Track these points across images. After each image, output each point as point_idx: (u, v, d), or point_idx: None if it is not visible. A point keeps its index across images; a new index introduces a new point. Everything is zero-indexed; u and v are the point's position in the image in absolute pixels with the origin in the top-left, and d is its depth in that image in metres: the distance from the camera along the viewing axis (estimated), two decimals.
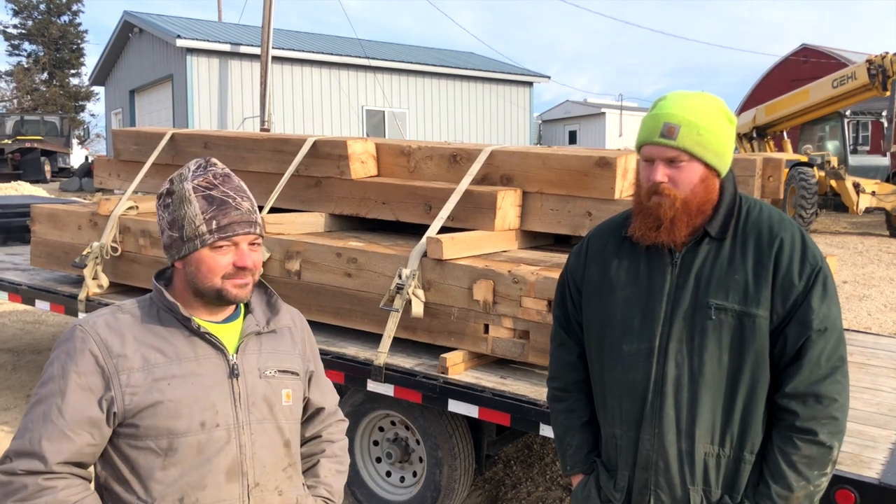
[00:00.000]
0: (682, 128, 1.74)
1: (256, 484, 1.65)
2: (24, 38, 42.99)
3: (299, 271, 4.05)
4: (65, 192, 20.69)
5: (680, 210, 1.76)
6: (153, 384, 1.56)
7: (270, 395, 1.70)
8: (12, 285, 5.50)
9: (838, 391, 1.73)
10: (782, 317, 1.74)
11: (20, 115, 29.70)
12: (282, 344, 1.76)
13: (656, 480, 1.81)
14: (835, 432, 1.73)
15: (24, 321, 8.63)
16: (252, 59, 18.89)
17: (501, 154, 4.04)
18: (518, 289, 3.32)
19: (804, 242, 1.77)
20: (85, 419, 1.53)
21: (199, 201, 1.60)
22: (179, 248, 1.62)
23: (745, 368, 1.75)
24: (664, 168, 1.77)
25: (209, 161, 1.67)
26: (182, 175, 1.65)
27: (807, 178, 15.12)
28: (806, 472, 1.73)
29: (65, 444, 1.51)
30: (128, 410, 1.55)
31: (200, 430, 1.58)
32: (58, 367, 1.56)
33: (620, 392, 1.86)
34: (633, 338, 1.83)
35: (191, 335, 1.63)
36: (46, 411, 1.52)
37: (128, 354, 1.57)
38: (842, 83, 15.30)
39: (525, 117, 24.42)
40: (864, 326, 7.94)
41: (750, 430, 1.78)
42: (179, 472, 1.57)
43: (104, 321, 1.60)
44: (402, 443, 3.88)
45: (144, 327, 1.61)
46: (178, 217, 1.62)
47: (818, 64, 28.32)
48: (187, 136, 5.35)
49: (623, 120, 35.19)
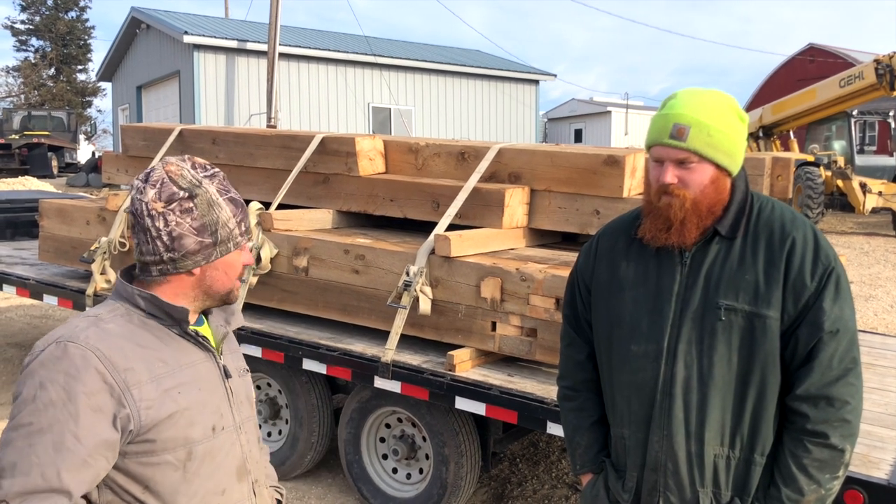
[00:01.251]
0: (693, 129, 1.71)
1: (256, 480, 1.68)
2: (32, 33, 43.11)
3: (307, 268, 4.06)
4: (72, 188, 20.76)
5: (690, 211, 1.74)
6: (165, 394, 1.47)
7: (249, 393, 1.73)
8: (20, 280, 5.52)
9: (851, 394, 1.70)
10: (794, 318, 1.72)
11: (27, 110, 29.78)
12: (233, 344, 1.78)
13: (665, 482, 1.80)
14: (847, 435, 1.71)
15: (32, 315, 8.66)
16: (259, 55, 18.91)
17: (509, 152, 4.04)
18: (526, 286, 3.33)
19: (817, 242, 1.74)
20: (102, 443, 1.39)
21: (228, 204, 1.57)
22: (210, 254, 1.55)
23: (755, 370, 1.73)
24: (674, 169, 1.75)
25: (195, 160, 1.60)
26: (188, 178, 1.54)
27: (813, 178, 15.09)
28: (817, 476, 1.71)
29: (86, 474, 1.38)
30: (143, 426, 1.44)
31: (212, 435, 1.55)
32: (56, 390, 1.37)
33: (629, 393, 1.85)
34: (641, 338, 1.82)
35: (181, 340, 1.57)
36: (58, 441, 1.35)
37: (134, 367, 1.45)
38: (849, 83, 15.25)
39: (531, 115, 24.40)
40: (871, 327, 7.92)
41: (760, 432, 1.76)
42: (199, 481, 1.53)
43: (94, 334, 1.45)
44: (409, 440, 3.89)
45: (134, 336, 1.50)
46: (209, 222, 1.53)
47: (825, 63, 28.22)
48: (195, 132, 5.36)
49: (629, 118, 35.13)
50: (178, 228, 1.51)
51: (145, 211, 1.51)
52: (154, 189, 1.52)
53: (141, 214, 1.52)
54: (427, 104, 22.09)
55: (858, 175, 15.85)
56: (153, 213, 1.51)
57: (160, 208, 1.51)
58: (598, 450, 2.00)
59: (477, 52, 26.11)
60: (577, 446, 2.03)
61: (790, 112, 17.05)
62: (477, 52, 25.84)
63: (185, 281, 1.56)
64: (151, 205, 1.51)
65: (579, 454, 2.03)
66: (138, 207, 1.52)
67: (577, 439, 2.03)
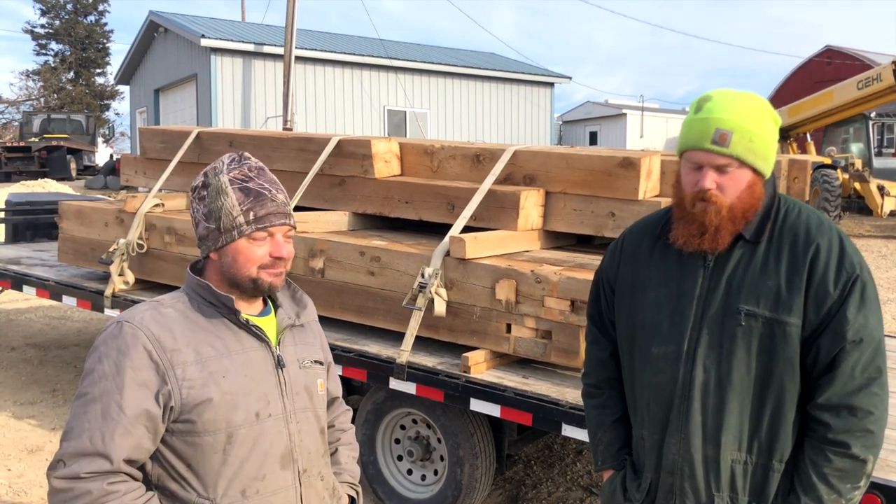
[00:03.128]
0: (735, 134, 1.68)
1: (305, 470, 1.70)
2: (52, 37, 43.53)
3: (323, 269, 4.08)
4: (90, 190, 20.92)
5: (726, 218, 1.71)
6: (209, 377, 1.57)
7: (309, 385, 1.76)
8: (40, 281, 5.58)
9: (874, 403, 1.68)
10: (815, 326, 1.69)
11: (47, 113, 30.10)
12: (309, 336, 1.83)
13: (681, 485, 1.79)
14: (869, 446, 1.68)
15: (51, 317, 8.75)
16: (275, 58, 19.02)
17: (524, 154, 4.04)
18: (541, 289, 3.33)
19: (842, 248, 1.72)
20: (143, 414, 1.51)
21: (236, 193, 1.63)
22: (216, 239, 1.64)
23: (773, 376, 1.71)
24: (713, 174, 1.72)
25: (242, 155, 1.70)
26: (217, 169, 1.67)
27: (830, 181, 14.98)
28: (838, 486, 1.68)
29: (127, 441, 1.50)
30: (185, 405, 1.54)
31: (256, 421, 1.61)
32: (109, 364, 1.53)
33: (649, 394, 1.85)
34: (661, 340, 1.81)
35: (235, 328, 1.65)
36: (105, 409, 1.50)
37: (180, 348, 1.56)
38: (867, 85, 15.14)
39: (546, 118, 24.37)
40: (889, 331, 7.85)
41: (779, 439, 1.74)
42: (239, 464, 1.59)
43: (150, 316, 1.59)
44: (424, 441, 3.90)
45: (189, 321, 1.62)
46: (214, 209, 1.63)
47: (842, 65, 28.02)
48: (213, 135, 5.40)
49: (644, 121, 35.00)
50: (196, 214, 1.68)
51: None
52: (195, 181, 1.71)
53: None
54: (442, 107, 22.12)
55: (876, 178, 15.73)
56: (192, 201, 1.70)
57: (191, 196, 1.70)
58: (620, 447, 2.00)
59: (492, 54, 26.11)
60: (599, 443, 2.04)
61: (807, 114, 16.95)
62: (492, 55, 25.84)
63: (213, 266, 1.69)
64: (190, 194, 1.70)
65: (601, 451, 2.03)
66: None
67: (600, 436, 2.04)
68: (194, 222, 1.69)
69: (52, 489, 1.49)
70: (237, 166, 1.67)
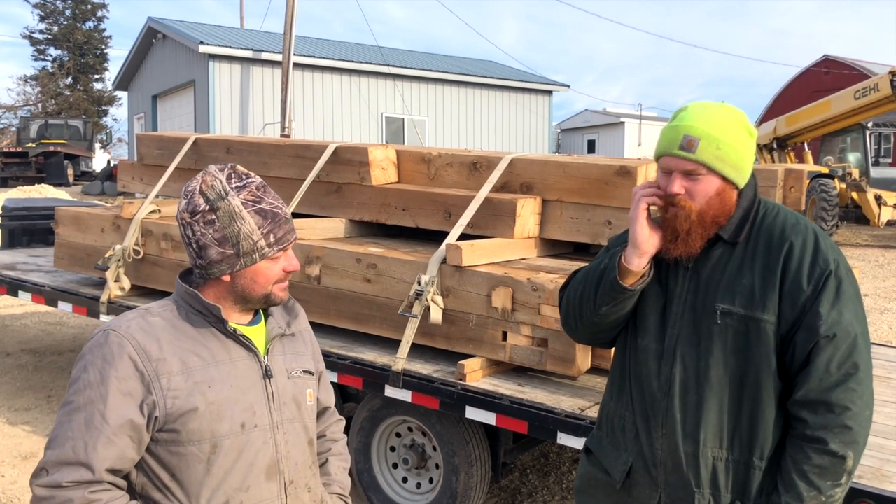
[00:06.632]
0: (702, 141, 1.74)
1: (291, 482, 1.69)
2: (50, 43, 43.59)
3: (319, 276, 4.08)
4: (87, 196, 20.91)
5: (695, 222, 1.76)
6: (194, 387, 1.56)
7: (298, 395, 1.74)
8: (36, 286, 5.57)
9: (852, 399, 1.68)
10: (791, 322, 1.72)
11: (44, 118, 30.06)
12: (299, 346, 1.82)
13: (665, 479, 1.82)
14: (848, 442, 1.68)
15: (46, 322, 8.73)
16: (273, 65, 19.05)
17: (521, 162, 4.05)
18: (537, 296, 3.33)
19: (816, 245, 1.75)
20: (127, 423, 1.50)
21: (254, 216, 1.61)
22: (233, 264, 1.62)
23: (750, 373, 1.75)
24: (681, 180, 1.77)
25: (235, 169, 1.65)
26: (217, 189, 1.60)
27: (828, 190, 15.01)
28: (817, 483, 1.69)
29: (110, 451, 1.49)
30: (169, 414, 1.53)
31: (241, 432, 1.60)
32: (94, 373, 1.52)
33: (633, 383, 1.90)
34: (647, 335, 1.87)
35: (223, 338, 1.64)
36: (89, 418, 1.49)
37: (166, 358, 1.55)
38: (864, 94, 15.18)
39: (544, 126, 24.43)
40: (886, 340, 7.85)
41: (758, 436, 1.76)
42: (223, 475, 1.58)
43: (137, 325, 1.58)
44: (419, 449, 3.89)
45: (177, 330, 1.60)
46: (230, 234, 1.60)
47: (840, 75, 28.12)
48: (210, 141, 5.40)
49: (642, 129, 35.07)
50: (203, 239, 1.61)
51: (179, 219, 1.65)
52: (185, 200, 1.63)
53: (178, 222, 1.65)
54: (440, 114, 22.17)
55: (873, 187, 15.76)
56: (184, 222, 1.63)
57: (188, 219, 1.62)
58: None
59: (490, 62, 26.18)
60: (601, 264, 1.92)
61: (805, 124, 16.98)
62: (490, 63, 25.91)
63: (221, 285, 1.66)
64: (182, 214, 1.63)
65: (608, 259, 1.91)
66: (177, 215, 1.66)
67: (600, 262, 1.93)
68: (199, 247, 1.62)
69: (35, 497, 1.49)
70: (241, 184, 1.62)
